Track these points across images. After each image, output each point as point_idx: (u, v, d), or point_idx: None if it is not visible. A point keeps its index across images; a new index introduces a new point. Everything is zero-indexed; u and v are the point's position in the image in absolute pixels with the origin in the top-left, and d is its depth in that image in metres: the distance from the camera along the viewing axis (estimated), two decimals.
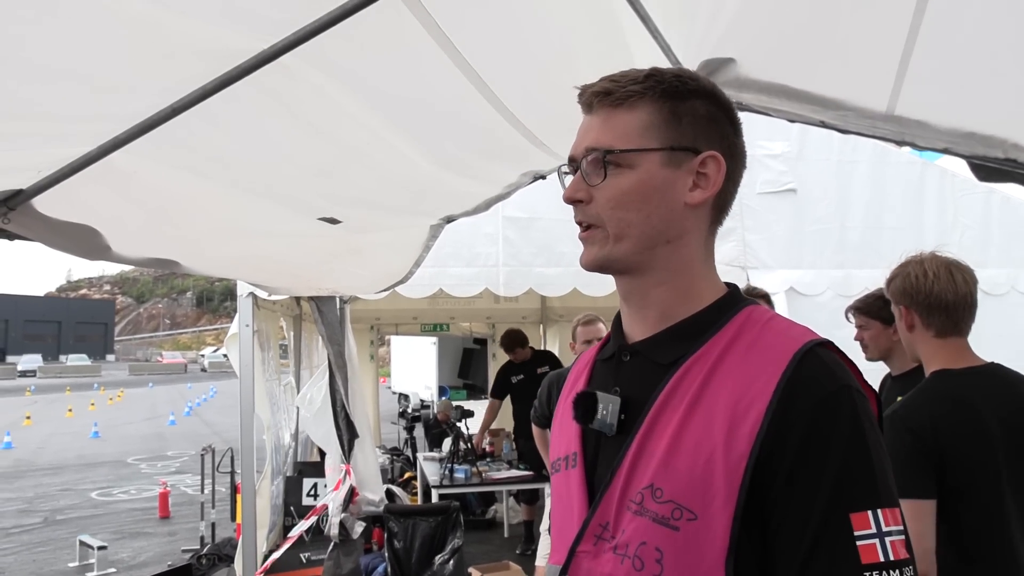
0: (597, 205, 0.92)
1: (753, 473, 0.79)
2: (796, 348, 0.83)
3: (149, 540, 7.67)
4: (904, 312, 1.93)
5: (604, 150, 0.91)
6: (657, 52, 1.70)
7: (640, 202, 0.90)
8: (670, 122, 0.91)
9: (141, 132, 1.50)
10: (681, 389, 0.87)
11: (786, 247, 4.34)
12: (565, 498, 0.97)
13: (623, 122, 0.91)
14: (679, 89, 0.91)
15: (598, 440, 0.94)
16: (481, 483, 5.71)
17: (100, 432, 16.62)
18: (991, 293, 4.28)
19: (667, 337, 0.92)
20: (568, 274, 4.73)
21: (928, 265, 1.91)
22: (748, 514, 0.79)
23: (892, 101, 1.65)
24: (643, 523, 0.84)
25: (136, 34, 1.17)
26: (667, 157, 0.90)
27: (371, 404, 9.01)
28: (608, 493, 0.88)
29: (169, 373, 49.03)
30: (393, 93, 1.65)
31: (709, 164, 0.91)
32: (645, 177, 0.90)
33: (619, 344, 0.98)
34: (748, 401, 0.81)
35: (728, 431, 0.81)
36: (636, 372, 0.93)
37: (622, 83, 0.92)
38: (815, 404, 0.80)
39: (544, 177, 2.45)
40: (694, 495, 0.81)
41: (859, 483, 0.79)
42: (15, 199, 1.67)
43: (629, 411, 0.90)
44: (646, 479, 0.85)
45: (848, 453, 0.79)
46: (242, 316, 4.32)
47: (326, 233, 2.55)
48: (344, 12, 1.24)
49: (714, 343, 0.88)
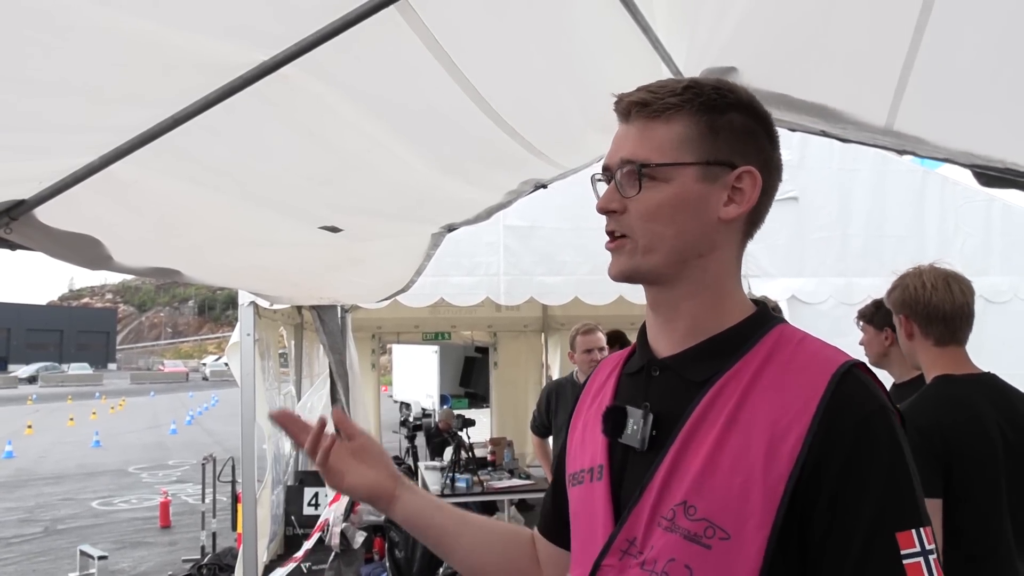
0: (630, 216, 0.91)
1: (793, 494, 0.79)
2: (833, 369, 0.84)
3: (150, 550, 7.66)
4: (904, 321, 2.00)
5: (640, 163, 0.90)
6: (658, 62, 1.70)
7: (673, 216, 0.90)
8: (707, 136, 0.90)
9: (143, 143, 1.51)
10: (717, 407, 0.86)
11: (787, 255, 4.34)
12: (588, 511, 0.96)
13: (660, 135, 0.90)
14: (717, 102, 0.91)
15: (625, 455, 0.93)
16: (483, 492, 5.69)
17: (101, 441, 16.61)
18: (993, 301, 4.28)
19: (699, 353, 0.92)
20: (569, 283, 4.73)
21: (927, 277, 1.97)
22: (784, 534, 0.79)
23: (891, 117, 1.66)
24: (674, 540, 0.83)
25: (137, 48, 1.17)
26: (703, 171, 0.90)
27: (372, 413, 9.00)
28: (637, 508, 0.88)
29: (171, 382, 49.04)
30: (392, 102, 1.65)
31: (745, 179, 0.91)
32: (680, 191, 0.90)
33: (648, 358, 0.97)
34: (787, 421, 0.81)
35: (767, 451, 0.81)
36: (667, 388, 0.93)
37: (660, 94, 0.91)
38: (856, 424, 0.81)
39: (545, 186, 2.45)
40: (728, 514, 0.81)
41: (903, 503, 0.80)
42: (17, 209, 1.67)
43: (660, 427, 0.90)
44: (679, 496, 0.84)
45: (891, 473, 0.80)
46: (243, 325, 4.33)
47: (327, 242, 2.55)
48: (343, 24, 1.25)
49: (748, 361, 0.88)
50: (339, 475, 1.12)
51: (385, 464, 1.15)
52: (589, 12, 1.52)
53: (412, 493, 1.15)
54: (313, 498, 6.21)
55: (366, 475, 1.12)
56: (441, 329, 9.61)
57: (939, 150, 1.73)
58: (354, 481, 1.12)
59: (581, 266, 4.67)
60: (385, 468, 1.15)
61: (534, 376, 9.02)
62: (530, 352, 9.05)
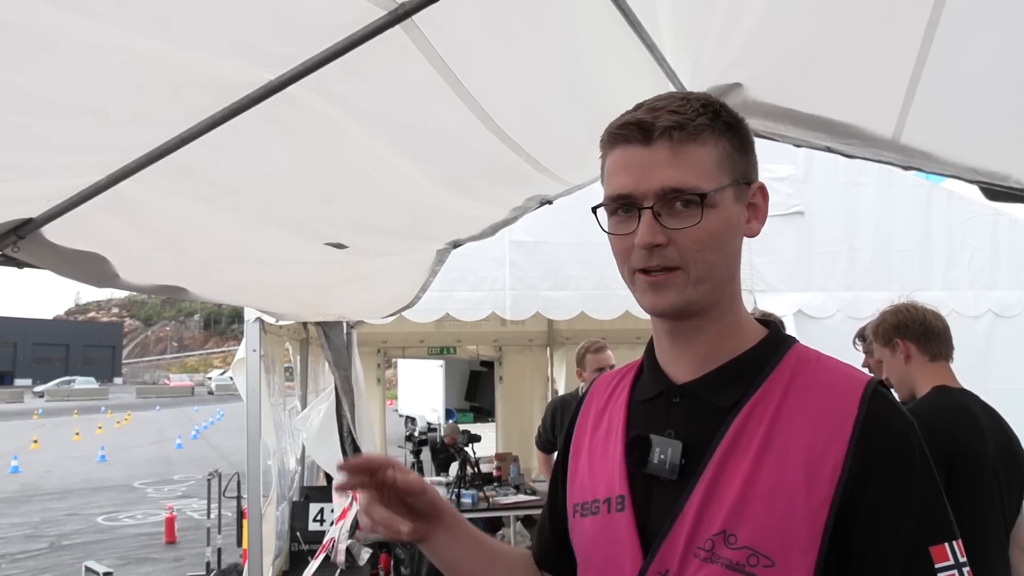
0: (680, 248, 0.86)
1: (837, 516, 0.79)
2: (861, 388, 0.84)
3: (155, 566, 7.63)
4: (900, 344, 2.18)
5: (692, 192, 0.84)
6: (663, 78, 1.71)
7: (723, 242, 0.88)
8: (733, 155, 0.89)
9: (149, 161, 1.52)
10: (748, 432, 0.85)
11: (794, 270, 4.33)
12: (610, 543, 0.92)
13: (698, 158, 0.86)
14: (732, 120, 0.90)
15: (649, 484, 0.90)
16: (488, 508, 5.66)
17: (107, 456, 16.60)
18: (1002, 315, 4.25)
19: (721, 377, 0.90)
20: (575, 297, 4.72)
21: (912, 305, 2.23)
22: (830, 555, 0.79)
23: (898, 130, 1.66)
24: (714, 570, 0.82)
25: (145, 69, 1.18)
26: (736, 192, 0.89)
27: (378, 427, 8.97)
28: (669, 539, 0.85)
29: (176, 396, 49.07)
30: (397, 121, 1.66)
31: (758, 195, 0.91)
32: (727, 215, 0.88)
33: (666, 384, 0.94)
34: (824, 443, 0.81)
35: (807, 474, 0.80)
36: (691, 414, 0.90)
37: (688, 115, 0.86)
38: (890, 442, 0.81)
39: (551, 202, 2.45)
40: (772, 541, 0.80)
41: (936, 517, 0.81)
42: (25, 228, 1.68)
43: (688, 455, 0.87)
44: (717, 525, 0.83)
45: (924, 489, 0.81)
46: (249, 341, 4.33)
47: (333, 259, 2.55)
48: (349, 44, 1.25)
49: (772, 383, 0.87)
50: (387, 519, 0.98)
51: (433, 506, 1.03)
52: (593, 29, 1.52)
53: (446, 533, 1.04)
54: (319, 514, 6.18)
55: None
56: (446, 344, 9.59)
57: (945, 166, 1.74)
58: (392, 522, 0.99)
59: (587, 280, 4.67)
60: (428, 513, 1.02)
61: (539, 391, 8.99)
62: (535, 367, 9.03)
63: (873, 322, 2.27)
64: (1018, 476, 2.06)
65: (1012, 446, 2.07)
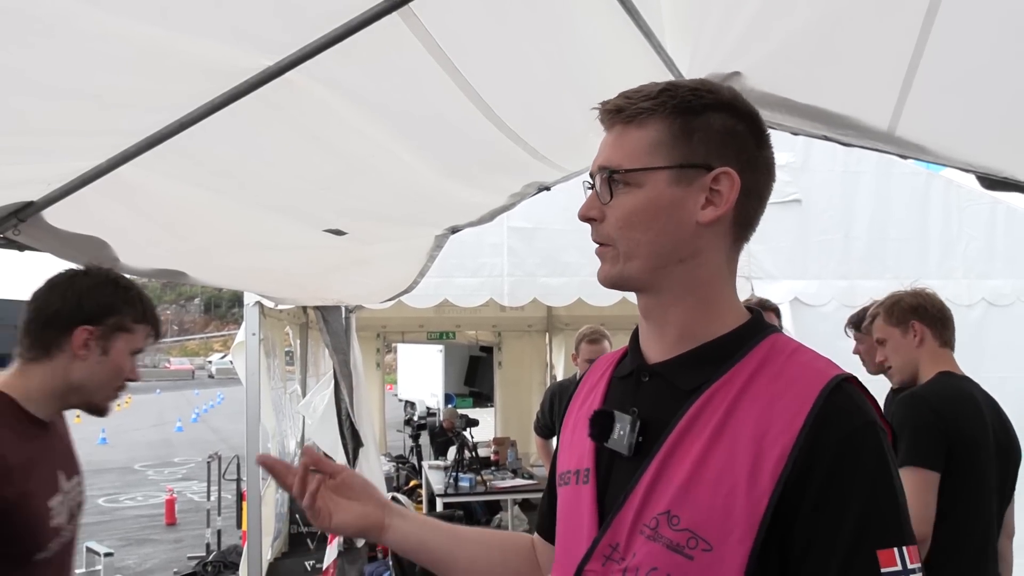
0: (608, 224, 0.91)
1: (776, 510, 0.78)
2: (824, 383, 0.82)
3: (155, 547, 7.70)
4: (916, 327, 2.17)
5: (611, 169, 0.90)
6: (661, 67, 1.71)
7: (648, 221, 0.89)
8: (680, 139, 0.88)
9: (149, 146, 1.53)
10: (704, 416, 0.85)
11: (790, 257, 4.34)
12: (574, 513, 0.95)
13: (632, 140, 0.90)
14: (692, 104, 0.89)
15: (612, 459, 0.92)
16: (486, 492, 5.71)
17: (108, 438, 16.68)
18: (996, 304, 4.27)
19: (688, 360, 0.91)
20: (573, 284, 4.73)
21: (926, 290, 2.25)
22: (766, 548, 0.79)
23: (893, 122, 1.67)
24: (656, 548, 0.83)
25: (144, 54, 1.19)
26: (676, 175, 0.88)
27: (377, 412, 9.02)
28: (620, 514, 0.87)
29: (176, 379, 49.12)
30: (395, 107, 1.67)
31: (722, 181, 0.88)
32: (653, 195, 0.88)
33: (638, 363, 0.96)
34: (774, 435, 0.80)
35: (752, 465, 0.80)
36: (655, 394, 0.92)
37: (634, 100, 0.90)
38: (841, 439, 0.79)
39: (548, 188, 2.47)
40: (712, 526, 0.80)
41: (886, 519, 0.79)
42: (25, 211, 1.70)
43: (647, 434, 0.89)
44: (662, 505, 0.84)
45: (875, 489, 0.79)
46: (248, 325, 4.35)
47: (331, 244, 2.57)
48: (347, 30, 1.26)
49: (738, 371, 0.87)
50: (325, 515, 1.07)
51: (370, 494, 1.10)
52: (591, 16, 1.53)
53: (402, 519, 1.11)
54: None
55: (352, 509, 1.08)
56: (446, 329, 9.62)
57: (940, 158, 1.75)
58: (341, 519, 1.07)
59: (584, 267, 4.68)
60: (371, 499, 1.10)
61: (538, 376, 9.03)
62: (534, 352, 9.06)
63: (884, 303, 2.25)
64: (1012, 464, 2.12)
65: (1008, 435, 2.12)
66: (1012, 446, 2.11)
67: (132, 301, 1.59)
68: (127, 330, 1.58)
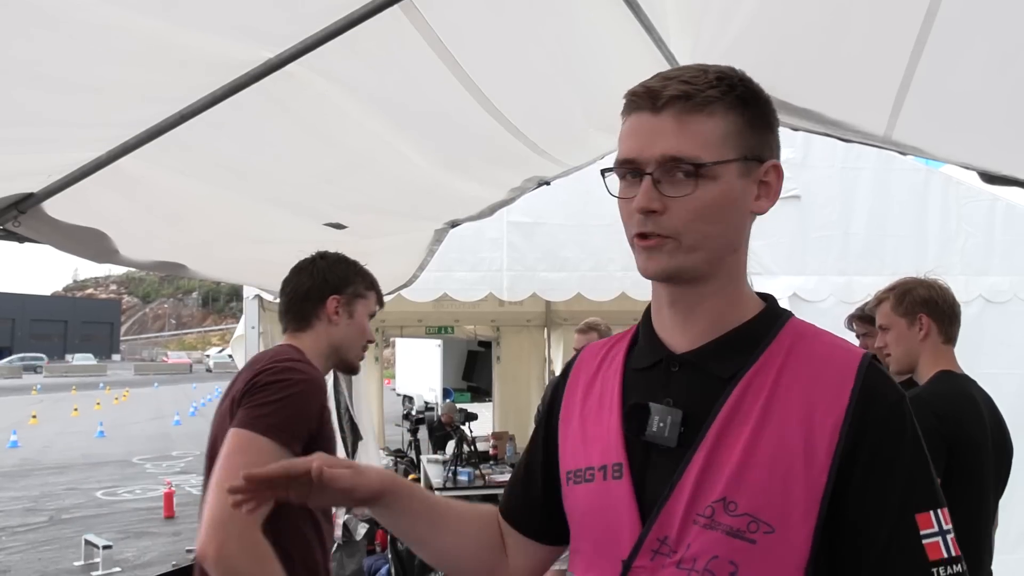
0: (674, 216, 0.86)
1: (835, 483, 0.82)
2: (857, 361, 0.87)
3: (154, 540, 7.71)
4: (923, 320, 2.10)
5: (690, 162, 0.85)
6: (660, 61, 1.72)
7: (719, 214, 0.87)
8: (744, 130, 0.88)
9: (150, 138, 1.53)
10: (747, 402, 0.86)
11: (789, 253, 4.34)
12: (606, 510, 0.93)
13: (704, 129, 0.86)
14: (748, 95, 0.89)
15: (646, 452, 0.90)
16: (484, 486, 5.72)
17: (106, 432, 16.67)
18: (993, 301, 4.27)
19: (721, 348, 0.91)
20: (572, 279, 4.73)
21: (938, 282, 2.16)
22: (828, 522, 0.82)
23: (889, 129, 1.68)
24: (715, 536, 0.83)
25: (146, 46, 1.19)
26: (743, 167, 0.88)
27: (375, 406, 9.03)
28: (668, 506, 0.86)
29: (174, 373, 49.09)
30: (396, 101, 1.67)
31: (771, 173, 0.90)
32: (727, 189, 0.87)
33: (664, 354, 0.94)
34: (822, 413, 0.84)
35: (805, 443, 0.83)
36: (690, 383, 0.91)
37: (698, 86, 0.86)
38: (886, 413, 0.84)
39: (548, 183, 2.47)
40: (772, 508, 0.82)
41: (923, 485, 0.85)
42: (25, 202, 1.70)
43: (687, 424, 0.88)
44: (717, 492, 0.84)
45: (913, 458, 0.85)
46: (248, 318, 4.34)
47: (331, 238, 2.57)
48: (347, 23, 1.26)
49: (771, 355, 0.89)
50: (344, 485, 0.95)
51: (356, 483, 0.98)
52: (591, 11, 1.53)
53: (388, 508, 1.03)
54: None
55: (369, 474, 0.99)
56: (444, 323, 9.61)
57: (939, 158, 1.76)
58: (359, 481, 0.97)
59: (584, 262, 4.68)
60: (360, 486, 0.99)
61: (537, 371, 9.02)
62: (533, 347, 9.06)
63: (896, 288, 2.16)
64: (1005, 460, 2.11)
65: (1002, 432, 2.11)
66: (1005, 443, 2.11)
67: (362, 273, 1.90)
68: (363, 296, 1.88)
